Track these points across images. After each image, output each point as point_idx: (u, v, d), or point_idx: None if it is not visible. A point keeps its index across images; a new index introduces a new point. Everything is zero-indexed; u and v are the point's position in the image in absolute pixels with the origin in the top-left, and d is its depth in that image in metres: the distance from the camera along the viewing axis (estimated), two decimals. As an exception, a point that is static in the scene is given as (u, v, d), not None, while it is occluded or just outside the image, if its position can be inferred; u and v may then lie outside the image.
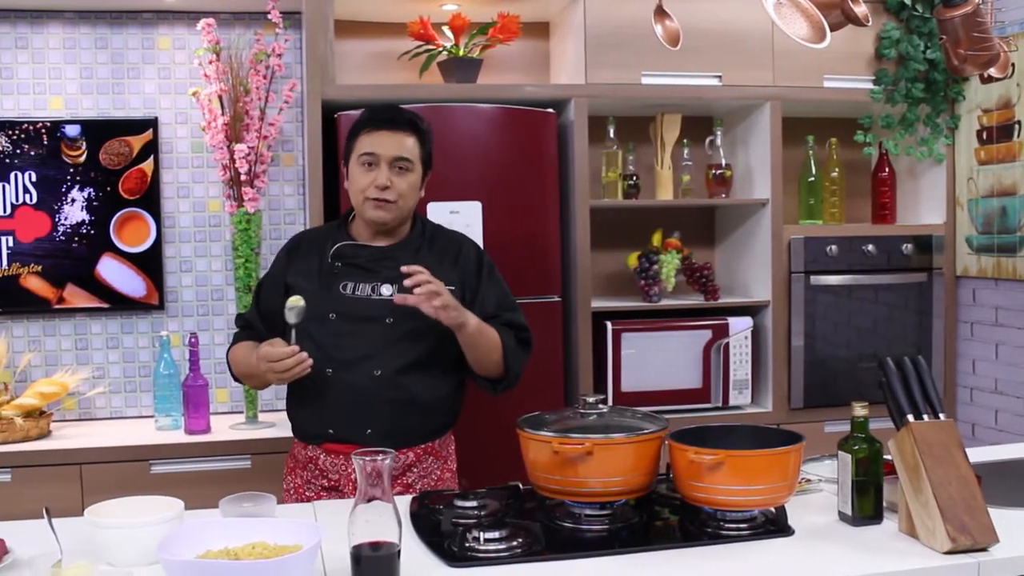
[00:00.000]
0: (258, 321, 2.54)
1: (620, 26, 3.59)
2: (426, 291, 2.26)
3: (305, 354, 2.29)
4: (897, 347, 3.85)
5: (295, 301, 2.33)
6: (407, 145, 2.42)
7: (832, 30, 2.47)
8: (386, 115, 2.45)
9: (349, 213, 2.57)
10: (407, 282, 2.27)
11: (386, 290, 2.39)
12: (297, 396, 2.49)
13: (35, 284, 3.64)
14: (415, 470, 2.46)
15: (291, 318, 2.32)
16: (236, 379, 2.65)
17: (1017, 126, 3.63)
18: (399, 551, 1.70)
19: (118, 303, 3.71)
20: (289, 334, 2.33)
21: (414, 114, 2.48)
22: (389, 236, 2.50)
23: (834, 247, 3.80)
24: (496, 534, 1.90)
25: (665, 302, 3.78)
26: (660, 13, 2.86)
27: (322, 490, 2.45)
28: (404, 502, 2.17)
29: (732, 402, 3.77)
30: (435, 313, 2.27)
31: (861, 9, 2.61)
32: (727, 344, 3.74)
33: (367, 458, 1.69)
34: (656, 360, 3.69)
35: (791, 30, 2.41)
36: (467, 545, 1.88)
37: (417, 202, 2.52)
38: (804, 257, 3.78)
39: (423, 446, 2.46)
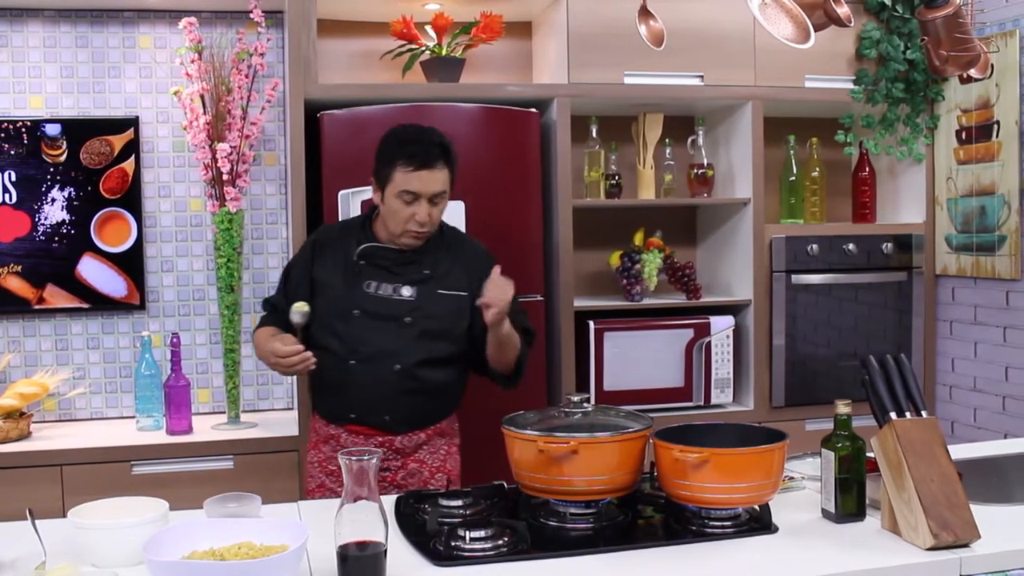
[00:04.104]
0: (285, 305, 2.61)
1: (603, 26, 3.60)
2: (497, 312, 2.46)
3: (309, 353, 2.44)
4: (877, 346, 3.88)
5: (300, 307, 2.51)
6: (443, 179, 2.53)
7: (815, 31, 2.49)
8: (423, 153, 2.49)
9: (373, 211, 2.67)
10: (485, 300, 2.45)
11: (407, 291, 2.55)
12: (322, 381, 2.64)
13: (15, 284, 3.62)
14: (425, 448, 2.65)
15: (295, 319, 2.50)
16: None
17: (996, 126, 3.66)
18: (385, 551, 1.70)
19: (99, 303, 3.69)
20: (295, 334, 2.49)
21: (443, 143, 2.54)
22: None
23: (815, 246, 3.82)
24: (481, 533, 1.91)
25: (647, 301, 3.79)
26: (644, 13, 2.86)
27: None
28: (390, 502, 2.17)
29: (714, 401, 3.78)
30: (491, 319, 2.45)
31: (843, 10, 2.62)
32: (709, 343, 3.75)
33: (353, 458, 1.69)
34: (638, 359, 3.70)
35: (776, 30, 2.42)
36: (453, 544, 1.89)
37: None
38: (785, 256, 3.79)
39: (434, 427, 2.66)
